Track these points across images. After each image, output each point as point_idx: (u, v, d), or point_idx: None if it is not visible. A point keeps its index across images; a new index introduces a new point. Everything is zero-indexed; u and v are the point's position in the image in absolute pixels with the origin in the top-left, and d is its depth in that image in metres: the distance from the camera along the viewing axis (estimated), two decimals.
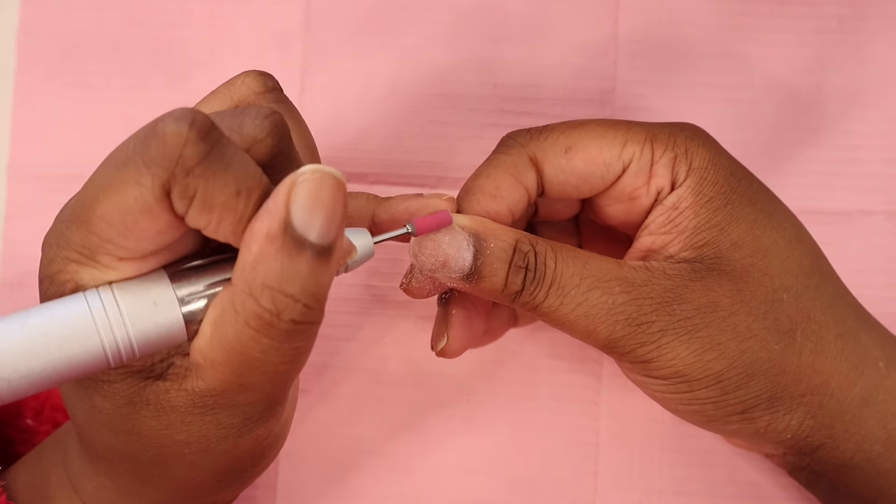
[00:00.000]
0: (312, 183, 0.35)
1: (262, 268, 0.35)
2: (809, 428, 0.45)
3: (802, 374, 0.45)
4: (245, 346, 0.36)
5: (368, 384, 0.57)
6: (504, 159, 0.46)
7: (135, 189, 0.35)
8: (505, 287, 0.43)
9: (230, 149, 0.36)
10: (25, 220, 0.58)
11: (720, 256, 0.44)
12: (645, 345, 0.43)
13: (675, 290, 0.44)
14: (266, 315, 0.35)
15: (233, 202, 0.35)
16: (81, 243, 0.36)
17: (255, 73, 0.42)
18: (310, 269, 0.35)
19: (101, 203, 0.35)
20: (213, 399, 0.38)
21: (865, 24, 0.58)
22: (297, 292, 0.35)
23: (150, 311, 0.36)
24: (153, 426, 0.38)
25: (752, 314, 0.44)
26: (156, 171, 0.34)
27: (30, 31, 0.59)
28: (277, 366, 0.37)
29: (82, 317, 0.36)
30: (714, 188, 0.45)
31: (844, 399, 0.45)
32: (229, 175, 0.35)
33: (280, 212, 0.35)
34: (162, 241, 0.36)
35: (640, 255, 0.46)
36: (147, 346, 0.37)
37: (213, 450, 0.39)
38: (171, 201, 0.35)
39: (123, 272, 0.37)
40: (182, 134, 0.34)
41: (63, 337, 0.36)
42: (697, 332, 0.43)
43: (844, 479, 0.47)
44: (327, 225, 0.35)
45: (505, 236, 0.44)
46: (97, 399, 0.38)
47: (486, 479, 0.57)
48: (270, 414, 0.40)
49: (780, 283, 0.45)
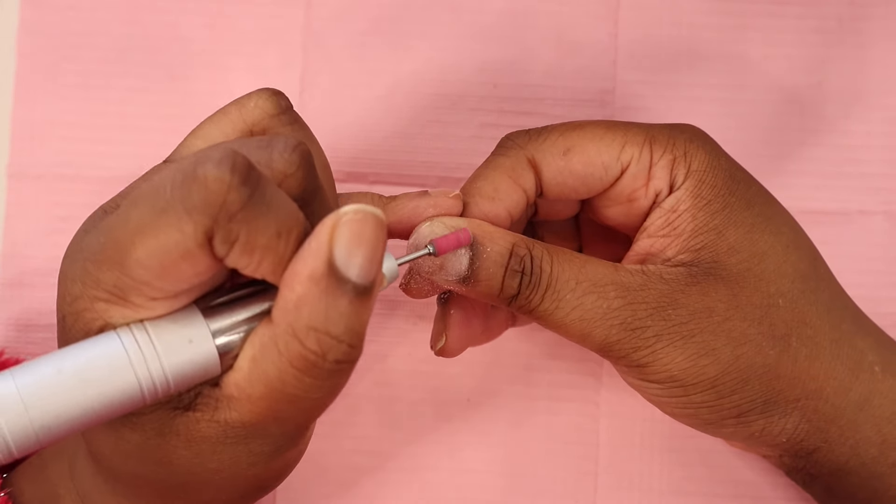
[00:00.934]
0: (355, 223, 0.35)
1: (306, 309, 0.35)
2: (804, 432, 0.45)
3: (797, 380, 0.45)
4: (287, 384, 0.36)
5: (368, 384, 0.57)
6: (502, 161, 0.46)
7: (176, 235, 0.34)
8: (501, 291, 0.43)
9: (270, 189, 0.35)
10: (25, 219, 0.58)
11: (717, 261, 0.44)
12: (640, 349, 0.43)
13: (671, 294, 0.44)
14: (311, 356, 0.36)
15: (274, 243, 0.35)
16: (113, 283, 0.35)
17: (267, 93, 0.41)
18: (353, 309, 0.35)
19: (138, 247, 0.35)
20: (245, 430, 0.38)
21: (865, 24, 0.58)
22: (341, 333, 0.36)
23: (184, 347, 0.36)
24: (184, 455, 0.38)
25: (747, 319, 0.44)
26: (198, 219, 0.34)
27: (30, 31, 0.59)
28: (316, 401, 0.37)
29: (118, 356, 0.35)
30: (712, 191, 0.45)
31: (839, 404, 0.45)
32: (270, 217, 0.35)
33: (324, 252, 0.35)
34: (199, 281, 0.36)
35: (639, 259, 0.46)
36: (183, 381, 0.36)
37: (244, 475, 0.39)
38: (212, 246, 0.35)
39: (155, 311, 0.36)
40: (225, 180, 0.34)
41: (100, 378, 0.35)
42: (692, 338, 0.43)
43: (840, 483, 0.47)
44: (369, 265, 0.36)
45: (501, 240, 0.44)
46: (125, 432, 0.38)
47: (486, 478, 0.57)
48: (301, 439, 0.40)
49: (775, 288, 0.45)
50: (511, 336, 0.55)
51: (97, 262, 0.36)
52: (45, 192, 0.58)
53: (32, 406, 0.35)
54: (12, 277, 0.58)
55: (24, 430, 0.35)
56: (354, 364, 0.37)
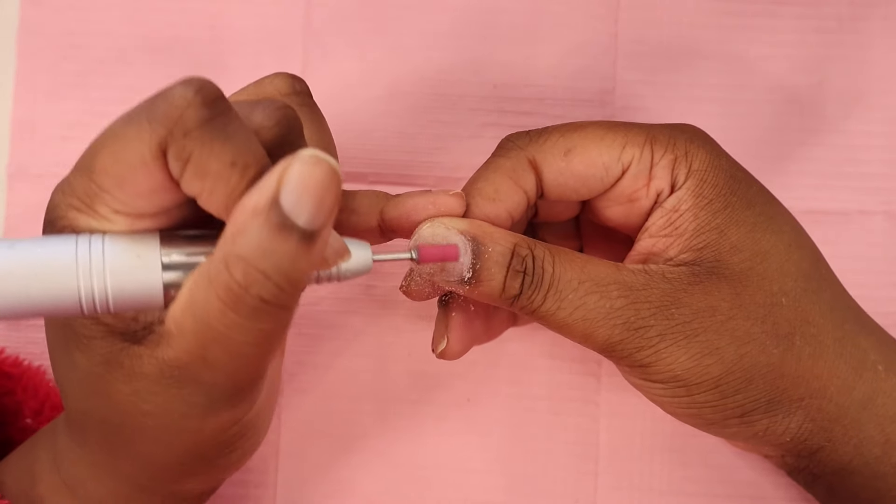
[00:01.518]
0: (307, 166, 0.35)
1: (241, 240, 0.35)
2: (808, 431, 0.45)
3: (801, 379, 0.45)
4: (212, 317, 0.36)
5: (368, 384, 0.57)
6: (503, 162, 0.46)
7: (134, 142, 0.35)
8: (503, 291, 0.43)
9: (235, 123, 0.36)
10: (25, 219, 0.58)
11: (719, 260, 0.44)
12: (643, 349, 0.43)
13: (674, 294, 0.43)
14: (235, 287, 0.35)
15: (226, 172, 0.36)
16: (83, 190, 0.37)
17: (284, 74, 0.43)
18: (288, 250, 0.35)
19: (103, 153, 0.36)
20: (178, 371, 0.37)
21: (865, 24, 0.58)
22: (269, 269, 0.35)
23: (132, 265, 0.37)
24: (122, 390, 0.38)
25: (750, 318, 0.44)
26: (156, 128, 0.35)
27: (30, 30, 0.59)
28: (241, 345, 0.37)
29: (66, 256, 0.36)
30: (714, 190, 0.45)
31: (843, 403, 0.45)
32: (227, 145, 0.36)
33: (271, 189, 0.35)
34: (158, 202, 0.37)
35: (641, 259, 0.46)
36: (123, 300, 0.37)
37: (176, 426, 0.39)
38: (167, 161, 0.36)
39: (118, 226, 0.37)
40: (187, 97, 0.35)
41: (44, 269, 0.36)
42: (696, 337, 0.43)
43: (842, 482, 0.47)
44: (315, 210, 0.35)
45: (503, 240, 0.43)
46: (77, 355, 0.39)
47: (485, 478, 0.57)
48: (238, 400, 0.39)
49: (778, 287, 0.44)
50: (511, 336, 0.55)
51: (74, 170, 0.37)
52: (45, 191, 0.57)
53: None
54: None
55: None
56: (283, 313, 0.36)
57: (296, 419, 0.57)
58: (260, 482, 0.57)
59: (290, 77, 0.43)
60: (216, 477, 0.44)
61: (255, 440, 0.44)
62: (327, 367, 0.57)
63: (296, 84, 0.43)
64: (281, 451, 0.57)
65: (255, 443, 0.44)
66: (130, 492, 0.43)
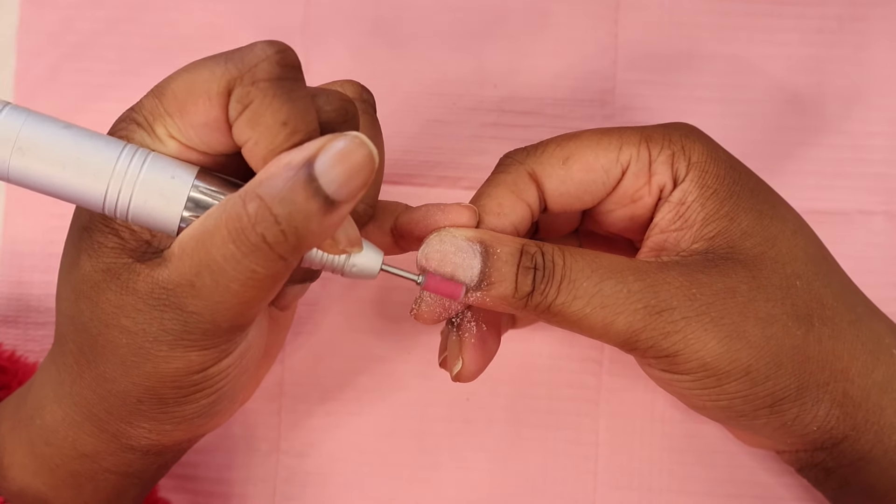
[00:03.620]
0: (350, 143, 0.37)
1: (266, 183, 0.37)
2: (835, 418, 0.45)
3: (825, 361, 0.44)
4: (213, 243, 0.38)
5: (368, 384, 0.57)
6: (504, 178, 0.46)
7: (207, 75, 0.38)
8: (516, 290, 0.43)
9: (300, 92, 0.38)
10: (25, 218, 0.58)
11: (732, 245, 0.44)
12: (669, 335, 0.42)
13: (691, 275, 0.43)
14: (244, 219, 0.37)
15: (276, 129, 0.38)
16: (150, 109, 0.40)
17: (355, 82, 0.45)
18: (305, 207, 0.37)
19: (178, 80, 0.39)
20: (165, 294, 0.39)
21: (865, 24, 0.58)
22: (281, 215, 0.37)
23: (163, 183, 0.39)
24: (110, 300, 0.40)
25: (770, 299, 0.43)
26: (230, 68, 0.38)
27: (30, 30, 0.59)
28: (230, 280, 0.38)
29: (110, 153, 0.39)
30: (717, 180, 0.45)
31: (865, 385, 0.45)
32: (286, 106, 0.38)
33: (310, 150, 0.37)
34: (208, 138, 0.39)
35: (653, 255, 0.46)
36: (142, 212, 0.39)
37: (145, 350, 0.40)
38: (228, 101, 0.38)
39: (168, 149, 0.40)
40: (267, 52, 0.38)
41: (86, 157, 0.38)
42: (721, 319, 0.42)
43: (859, 474, 0.46)
44: (343, 182, 0.37)
45: (510, 241, 0.43)
46: (83, 258, 0.41)
47: (485, 478, 0.56)
48: (209, 343, 0.40)
49: (791, 270, 0.44)
50: (511, 336, 0.55)
51: (148, 92, 0.40)
52: None
53: (24, 145, 0.38)
54: (11, 275, 0.58)
55: (2, 157, 0.38)
56: (280, 264, 0.38)
57: (296, 419, 0.57)
58: (259, 478, 0.57)
59: (360, 85, 0.45)
60: (164, 430, 0.43)
61: (212, 409, 0.43)
62: (327, 367, 0.57)
63: (363, 93, 0.45)
64: (281, 450, 0.57)
65: (212, 413, 0.44)
66: (83, 420, 0.44)
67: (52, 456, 0.45)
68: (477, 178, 0.54)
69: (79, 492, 0.45)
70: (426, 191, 0.58)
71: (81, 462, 0.45)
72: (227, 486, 0.56)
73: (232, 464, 0.57)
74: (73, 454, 0.44)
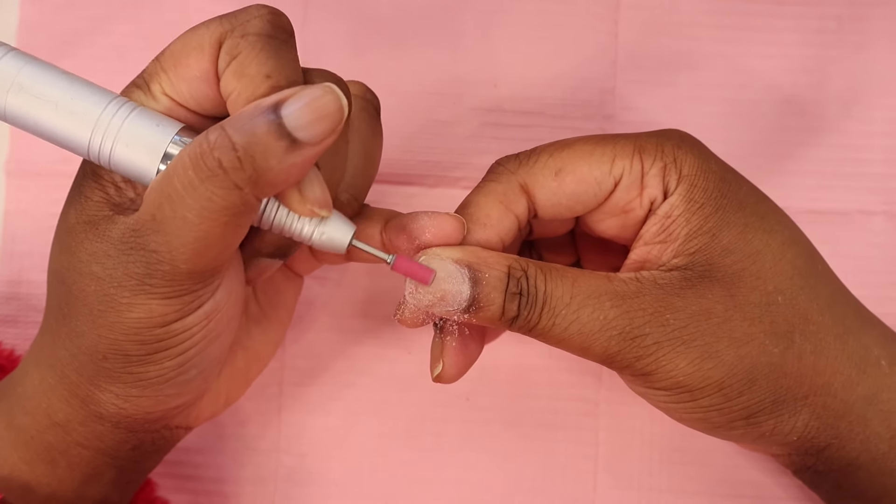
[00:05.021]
0: (320, 90, 0.38)
1: (233, 119, 0.38)
2: (815, 429, 0.45)
3: (804, 376, 0.44)
4: (174, 172, 0.39)
5: (368, 385, 0.57)
6: (493, 187, 0.46)
7: (201, 29, 0.41)
8: (503, 314, 0.43)
9: (288, 52, 0.40)
10: (24, 216, 0.58)
11: (711, 263, 0.44)
12: (642, 358, 0.43)
13: (666, 299, 0.43)
14: (204, 146, 0.38)
15: (259, 81, 0.40)
16: (149, 71, 0.42)
17: (361, 83, 0.47)
18: (266, 141, 0.38)
19: (176, 40, 0.42)
20: (132, 236, 0.40)
21: (865, 24, 0.58)
22: (240, 143, 0.38)
23: (146, 132, 0.40)
24: (85, 249, 0.41)
25: (747, 319, 0.44)
26: (223, 22, 0.41)
27: (30, 28, 0.59)
28: (187, 210, 0.38)
29: (98, 102, 0.40)
30: (704, 194, 0.44)
31: (848, 399, 0.45)
32: (271, 61, 0.40)
33: (281, 95, 0.38)
34: (199, 91, 0.41)
35: (636, 267, 0.46)
36: (123, 159, 0.40)
37: (110, 298, 0.41)
38: (218, 54, 0.40)
39: (161, 105, 0.42)
40: (259, 11, 0.41)
41: (76, 104, 0.40)
42: (693, 342, 0.43)
43: (849, 479, 0.47)
44: (308, 124, 0.38)
45: (497, 265, 0.43)
46: (71, 211, 0.42)
47: (485, 478, 0.56)
48: (170, 291, 0.41)
49: (774, 286, 0.44)
50: (511, 336, 0.55)
51: (154, 58, 0.43)
52: (44, 189, 0.58)
53: (21, 84, 0.40)
54: (11, 274, 0.58)
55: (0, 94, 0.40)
56: (234, 191, 0.38)
57: (296, 418, 0.57)
58: (258, 478, 0.57)
59: (365, 87, 0.47)
60: (131, 396, 0.44)
61: (179, 377, 0.44)
62: (327, 367, 0.57)
63: (367, 93, 0.47)
64: (281, 448, 0.57)
65: (179, 382, 0.44)
66: (56, 383, 0.45)
67: (27, 427, 0.45)
68: (477, 178, 0.54)
69: (53, 468, 0.46)
70: (426, 190, 0.58)
71: (54, 433, 0.45)
72: (227, 486, 0.56)
73: (232, 464, 0.57)
74: (47, 423, 0.45)
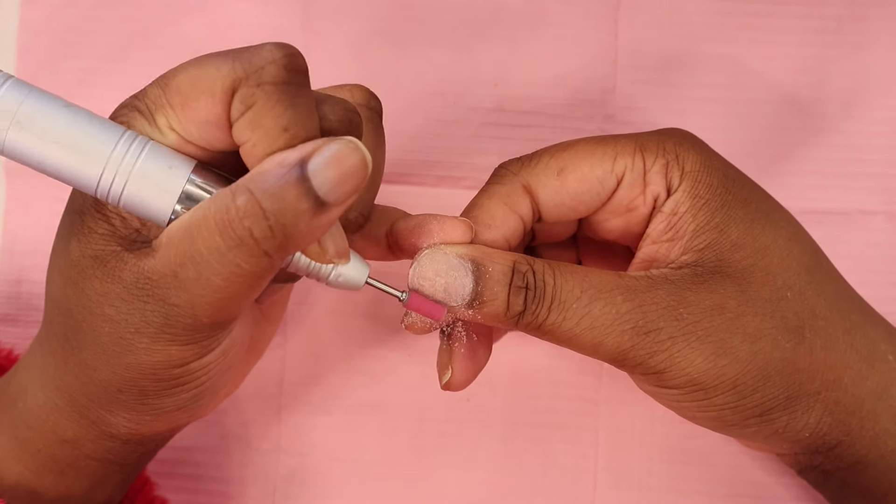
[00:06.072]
0: (345, 147, 0.37)
1: (258, 178, 0.37)
2: (827, 425, 0.45)
3: (816, 371, 0.44)
4: (199, 234, 0.37)
5: (368, 384, 0.57)
6: (497, 189, 0.46)
7: (213, 71, 0.38)
8: (507, 309, 0.43)
9: (304, 98, 0.39)
10: (24, 216, 0.58)
11: (721, 258, 0.44)
12: (656, 354, 0.43)
13: (679, 293, 0.43)
14: (232, 212, 0.37)
15: (276, 133, 0.38)
16: (153, 99, 0.40)
17: (364, 87, 0.45)
18: (294, 205, 0.37)
19: (183, 74, 0.39)
20: (149, 284, 0.39)
21: (865, 24, 0.58)
22: (270, 210, 0.37)
23: (159, 173, 0.39)
24: (95, 288, 0.40)
25: (759, 314, 0.43)
26: (236, 67, 0.38)
27: (30, 29, 0.59)
28: (212, 273, 0.38)
29: (109, 138, 0.39)
30: (709, 190, 0.44)
31: (859, 393, 0.45)
32: (288, 111, 0.38)
33: (304, 151, 0.37)
34: (208, 135, 0.39)
35: (644, 266, 0.46)
36: (135, 200, 0.39)
37: (126, 341, 0.40)
38: (231, 99, 0.38)
39: (168, 140, 0.40)
40: (274, 55, 0.38)
41: (84, 138, 0.38)
42: (708, 337, 0.43)
43: (857, 477, 0.47)
44: (335, 185, 0.37)
45: (502, 259, 0.43)
46: (73, 242, 0.41)
47: (485, 477, 0.56)
48: (190, 338, 0.40)
49: (783, 282, 0.44)
50: (511, 336, 0.55)
51: (152, 82, 0.40)
52: (44, 188, 0.58)
53: (22, 120, 0.38)
54: (11, 274, 0.58)
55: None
56: (263, 258, 0.37)
57: (296, 417, 0.57)
58: (259, 477, 0.57)
59: (369, 92, 0.45)
60: (144, 421, 0.43)
61: (193, 404, 0.44)
62: (327, 367, 0.57)
63: (371, 100, 0.45)
64: (281, 448, 0.57)
65: (193, 407, 0.44)
66: (64, 406, 0.44)
67: (33, 440, 0.45)
68: (477, 177, 0.55)
69: (61, 478, 0.46)
70: (426, 190, 0.58)
71: (62, 448, 0.45)
72: (228, 486, 0.56)
73: (232, 463, 0.57)
74: (54, 439, 0.45)
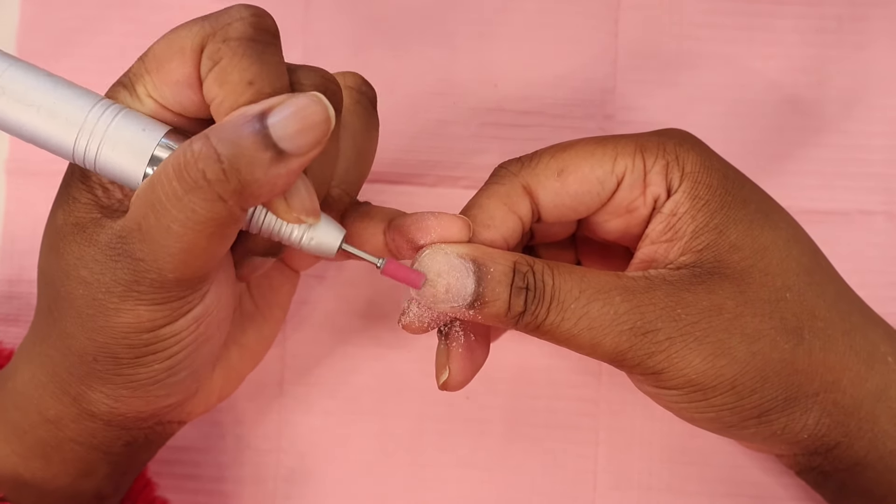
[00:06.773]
0: (307, 99, 0.38)
1: (217, 127, 0.38)
2: (826, 427, 0.45)
3: (814, 373, 0.44)
4: (158, 182, 0.38)
5: (368, 384, 0.57)
6: (496, 189, 0.45)
7: (184, 32, 0.40)
8: (508, 310, 0.43)
9: (272, 56, 0.40)
10: (24, 216, 0.58)
11: (720, 259, 0.44)
12: (654, 355, 0.43)
13: (678, 294, 0.43)
14: (188, 155, 0.37)
15: (242, 88, 0.39)
16: (134, 71, 0.41)
17: (357, 74, 0.46)
18: (251, 153, 0.37)
19: (160, 41, 0.41)
20: (120, 242, 0.40)
21: (865, 24, 0.58)
22: (225, 154, 0.37)
23: (132, 136, 0.40)
24: (72, 252, 0.41)
25: (758, 315, 0.43)
26: (204, 26, 0.39)
27: (30, 28, 0.59)
28: (171, 220, 0.38)
29: (84, 105, 0.40)
30: (709, 191, 0.44)
31: (857, 395, 0.45)
32: (254, 66, 0.39)
33: (267, 104, 0.38)
34: (182, 96, 0.40)
35: (642, 266, 0.46)
36: (109, 162, 0.40)
37: (98, 303, 0.41)
38: (200, 59, 0.39)
39: (146, 108, 0.41)
40: (242, 13, 0.40)
41: (61, 106, 0.40)
42: (706, 338, 0.43)
43: (856, 478, 0.46)
44: (295, 134, 0.37)
45: (502, 259, 0.43)
46: (59, 212, 0.42)
47: (485, 477, 0.56)
48: (158, 297, 0.40)
49: (781, 282, 0.44)
50: (511, 336, 0.55)
51: (138, 57, 0.42)
52: (44, 188, 0.57)
53: (5, 85, 0.39)
54: (11, 274, 0.58)
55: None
56: (218, 203, 0.38)
57: (296, 417, 0.57)
58: (259, 477, 0.57)
59: (361, 78, 0.46)
60: (121, 396, 0.44)
61: (169, 378, 0.44)
62: (327, 367, 0.57)
63: (363, 85, 0.46)
64: (281, 447, 0.57)
65: (169, 383, 0.44)
66: (47, 380, 0.44)
67: (19, 421, 0.45)
68: (477, 177, 0.54)
69: (47, 462, 0.46)
70: (426, 190, 0.58)
71: (47, 428, 0.45)
72: (227, 486, 0.56)
73: (232, 464, 0.57)
74: (39, 419, 0.45)
